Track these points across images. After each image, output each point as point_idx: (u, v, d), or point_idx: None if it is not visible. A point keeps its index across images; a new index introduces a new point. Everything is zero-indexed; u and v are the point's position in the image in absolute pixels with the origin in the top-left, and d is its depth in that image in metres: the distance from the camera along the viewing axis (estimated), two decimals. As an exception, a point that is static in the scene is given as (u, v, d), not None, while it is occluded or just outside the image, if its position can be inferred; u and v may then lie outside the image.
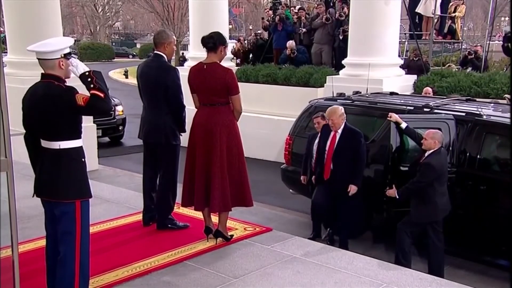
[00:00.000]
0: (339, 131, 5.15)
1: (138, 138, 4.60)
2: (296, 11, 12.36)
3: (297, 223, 6.13)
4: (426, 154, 4.61)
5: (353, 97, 6.30)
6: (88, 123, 7.49)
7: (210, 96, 3.94)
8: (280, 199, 6.93)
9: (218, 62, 3.99)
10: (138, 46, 54.33)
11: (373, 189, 5.21)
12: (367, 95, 6.56)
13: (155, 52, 4.32)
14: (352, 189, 5.01)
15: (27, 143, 2.96)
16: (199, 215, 4.38)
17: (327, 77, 9.03)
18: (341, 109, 5.15)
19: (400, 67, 9.05)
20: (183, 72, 4.32)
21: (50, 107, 2.76)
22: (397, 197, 4.70)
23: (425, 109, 5.43)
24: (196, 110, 4.09)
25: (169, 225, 4.43)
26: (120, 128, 11.31)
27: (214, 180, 3.90)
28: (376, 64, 8.00)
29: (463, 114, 5.19)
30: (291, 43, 10.96)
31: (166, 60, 4.28)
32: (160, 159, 4.40)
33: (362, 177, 5.07)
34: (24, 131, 2.96)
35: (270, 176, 7.65)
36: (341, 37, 10.34)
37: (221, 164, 3.91)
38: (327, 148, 5.15)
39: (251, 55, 13.43)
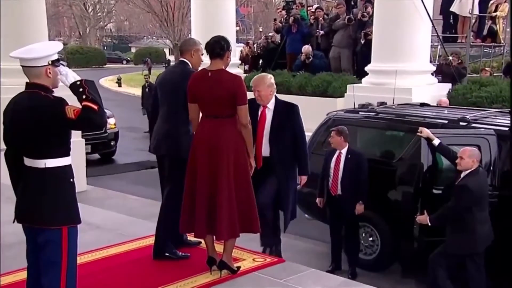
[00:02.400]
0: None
1: (149, 152, 4.66)
2: (313, 10, 12.46)
3: (313, 253, 6.10)
4: (462, 175, 4.59)
5: (377, 109, 6.31)
6: (75, 138, 7.52)
7: (215, 106, 3.97)
8: (294, 224, 6.85)
9: (224, 68, 4.05)
10: (133, 50, 55.01)
11: (402, 214, 5.19)
12: (393, 107, 6.56)
13: (180, 59, 4.48)
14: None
15: (7, 161, 3.01)
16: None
17: (348, 85, 9.06)
18: (270, 77, 4.93)
19: (432, 74, 9.06)
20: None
21: (35, 121, 2.81)
22: (429, 224, 4.68)
23: (461, 123, 5.42)
24: (194, 122, 4.11)
25: (167, 254, 4.44)
26: (112, 144, 11.33)
27: (221, 203, 3.90)
28: (404, 71, 8.01)
29: (506, 129, 5.17)
30: (307, 48, 11.05)
31: (191, 68, 4.39)
32: (168, 175, 4.43)
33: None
34: (5, 147, 3.01)
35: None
36: (363, 41, 10.40)
37: (228, 185, 3.92)
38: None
39: (261, 61, 13.51)
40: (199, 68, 4.28)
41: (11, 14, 7.52)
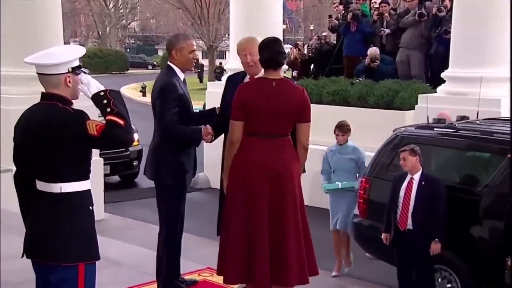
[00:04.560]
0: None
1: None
2: (377, 5, 12.42)
3: (377, 302, 6.03)
4: None
5: (457, 125, 6.21)
6: (92, 157, 7.70)
7: (276, 124, 3.97)
8: (354, 265, 6.83)
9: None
10: (160, 53, 56.06)
11: (489, 256, 5.08)
12: (477, 122, 6.45)
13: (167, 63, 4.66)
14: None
15: (17, 184, 3.09)
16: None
17: (419, 95, 8.95)
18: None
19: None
20: (218, 89, 4.46)
21: (51, 138, 2.87)
22: (524, 268, 4.55)
23: None
24: (232, 143, 4.10)
25: None
26: (134, 164, 11.53)
27: (289, 243, 3.88)
28: (491, 78, 7.89)
29: None
30: (373, 50, 10.93)
31: (175, 72, 4.54)
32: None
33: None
34: (12, 167, 3.09)
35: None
36: (438, 41, 10.27)
37: (295, 219, 3.92)
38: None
39: (312, 66, 13.53)
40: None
41: (19, 11, 7.68)
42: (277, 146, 3.98)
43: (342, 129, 6.69)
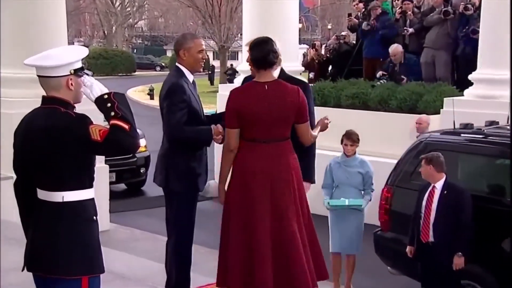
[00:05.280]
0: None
1: None
2: (400, 3, 12.39)
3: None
4: None
5: (486, 130, 6.17)
6: (97, 164, 7.70)
7: (274, 128, 4.03)
8: (373, 280, 6.81)
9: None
10: (169, 54, 56.29)
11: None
12: (508, 127, 6.40)
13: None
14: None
15: (17, 194, 3.11)
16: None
17: (445, 99, 8.94)
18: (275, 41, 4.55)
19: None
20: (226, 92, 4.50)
21: (52, 144, 2.89)
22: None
23: None
24: (230, 151, 4.18)
25: None
26: (141, 171, 11.55)
27: (296, 249, 3.94)
28: (523, 80, 7.85)
29: None
30: (395, 48, 10.86)
31: (184, 74, 4.58)
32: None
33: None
34: (12, 175, 3.12)
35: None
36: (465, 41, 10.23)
37: (299, 225, 3.98)
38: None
39: (330, 67, 13.52)
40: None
41: (20, 10, 7.68)
42: (276, 151, 4.04)
43: (352, 138, 6.33)
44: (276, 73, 4.52)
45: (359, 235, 6.33)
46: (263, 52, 4.05)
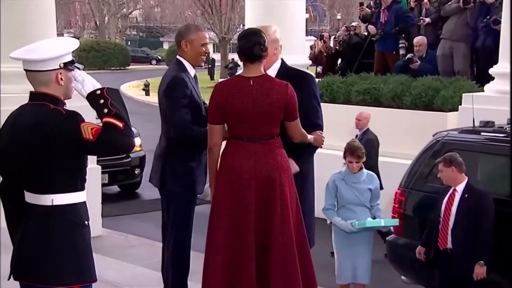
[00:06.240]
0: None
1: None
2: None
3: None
4: None
5: (508, 129, 6.18)
6: (89, 165, 7.71)
7: (260, 126, 4.07)
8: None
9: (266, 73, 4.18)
10: (166, 46, 56.46)
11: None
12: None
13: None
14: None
15: (3, 197, 3.12)
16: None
17: (464, 95, 8.94)
18: (275, 30, 4.59)
19: None
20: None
21: (41, 143, 2.89)
22: None
23: None
24: (215, 149, 4.21)
25: None
26: (136, 172, 11.59)
27: (289, 255, 3.99)
28: (547, 74, 7.83)
29: None
30: (421, 38, 10.81)
31: (185, 67, 4.63)
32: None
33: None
34: (0, 178, 3.12)
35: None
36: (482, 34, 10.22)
37: (288, 228, 4.03)
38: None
39: (339, 60, 13.52)
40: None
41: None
42: (264, 150, 4.07)
43: (357, 154, 5.68)
44: (276, 64, 4.57)
45: (370, 260, 5.88)
46: (249, 43, 4.07)
